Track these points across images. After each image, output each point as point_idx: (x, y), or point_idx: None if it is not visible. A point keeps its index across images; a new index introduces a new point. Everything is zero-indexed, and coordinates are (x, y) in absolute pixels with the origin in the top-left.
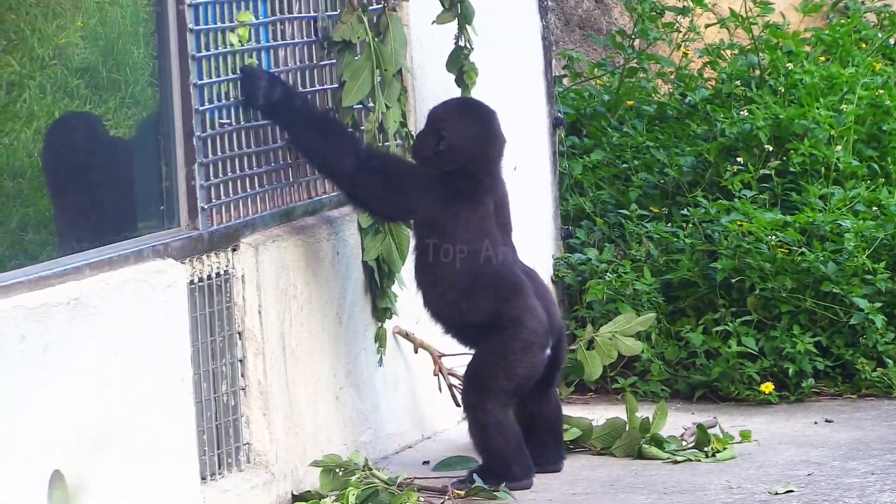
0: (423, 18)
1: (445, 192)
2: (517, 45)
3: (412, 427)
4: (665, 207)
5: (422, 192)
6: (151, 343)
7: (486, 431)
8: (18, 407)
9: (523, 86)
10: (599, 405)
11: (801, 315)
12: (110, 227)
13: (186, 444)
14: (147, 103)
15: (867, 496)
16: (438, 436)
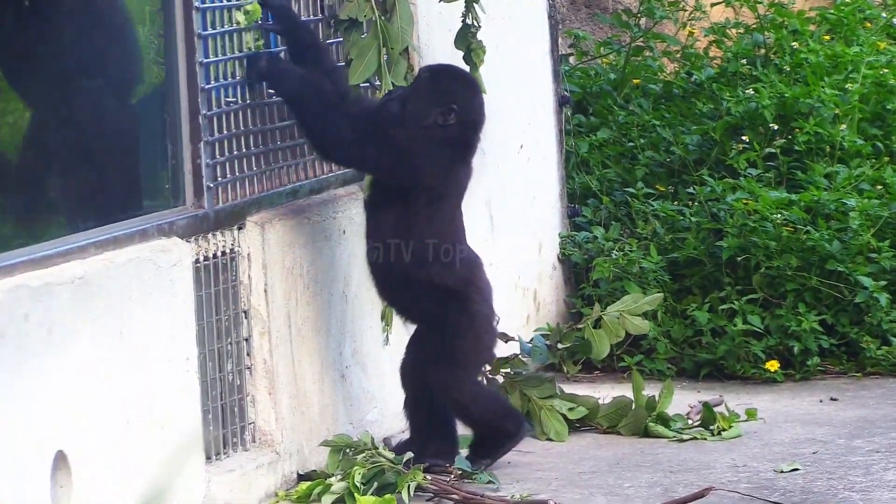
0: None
1: (447, 157)
2: (524, 24)
3: None
4: (671, 186)
5: (426, 158)
6: (157, 322)
7: (469, 407)
8: (23, 387)
9: (530, 64)
10: (606, 384)
11: (807, 293)
12: (115, 206)
13: (192, 424)
14: (153, 82)
15: (872, 474)
16: None
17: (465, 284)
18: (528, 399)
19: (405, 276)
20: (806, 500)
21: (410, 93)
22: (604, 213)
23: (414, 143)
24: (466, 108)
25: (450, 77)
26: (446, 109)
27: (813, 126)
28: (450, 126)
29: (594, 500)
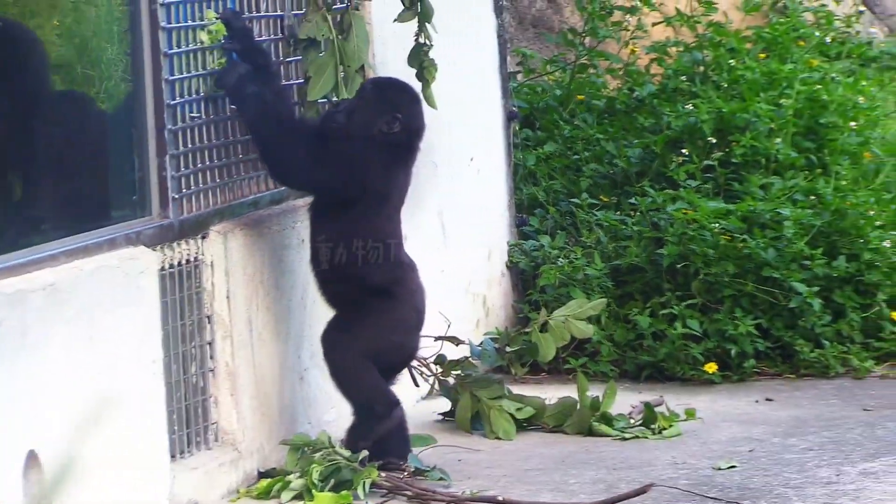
0: (385, 17)
1: (391, 162)
2: (474, 43)
3: None
4: (614, 197)
5: (372, 165)
6: (124, 327)
7: (345, 375)
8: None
9: (480, 81)
10: (552, 385)
11: (743, 299)
12: (85, 216)
13: (157, 424)
14: (120, 98)
15: (806, 471)
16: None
17: (393, 284)
18: (477, 399)
19: (342, 275)
20: (743, 496)
21: (356, 104)
22: (550, 223)
23: (361, 152)
24: (410, 116)
25: (393, 88)
26: (391, 118)
27: (749, 139)
28: (394, 134)
29: (541, 496)
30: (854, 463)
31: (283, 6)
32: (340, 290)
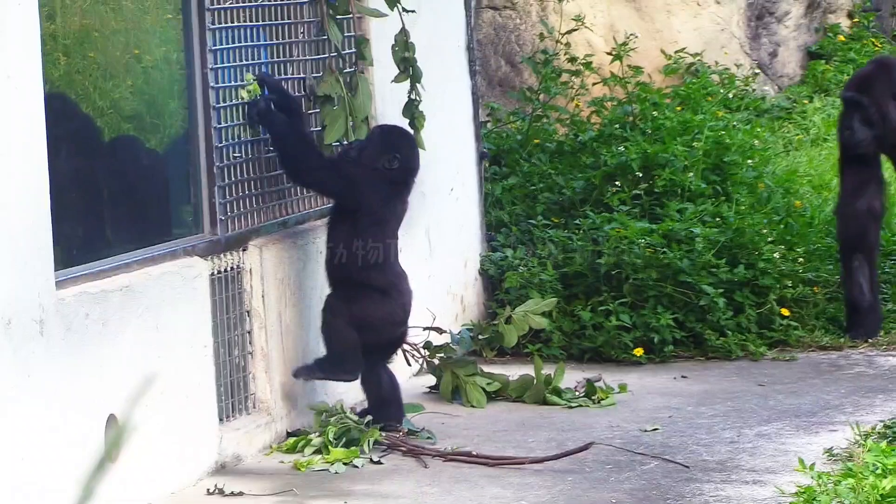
0: (385, 78)
1: (387, 192)
2: (454, 99)
3: None
4: (563, 219)
5: (372, 190)
6: (183, 319)
7: (329, 329)
8: (84, 366)
9: (458, 128)
10: (514, 365)
11: (664, 298)
12: (152, 233)
13: (208, 394)
14: (180, 142)
15: (713, 433)
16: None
17: (388, 286)
18: (456, 376)
19: (349, 276)
20: (664, 452)
21: (366, 143)
22: (513, 239)
23: (365, 179)
24: (406, 157)
25: (395, 133)
26: (391, 157)
27: (668, 174)
28: (394, 170)
29: (506, 451)
30: (751, 427)
31: (305, 70)
32: (347, 286)
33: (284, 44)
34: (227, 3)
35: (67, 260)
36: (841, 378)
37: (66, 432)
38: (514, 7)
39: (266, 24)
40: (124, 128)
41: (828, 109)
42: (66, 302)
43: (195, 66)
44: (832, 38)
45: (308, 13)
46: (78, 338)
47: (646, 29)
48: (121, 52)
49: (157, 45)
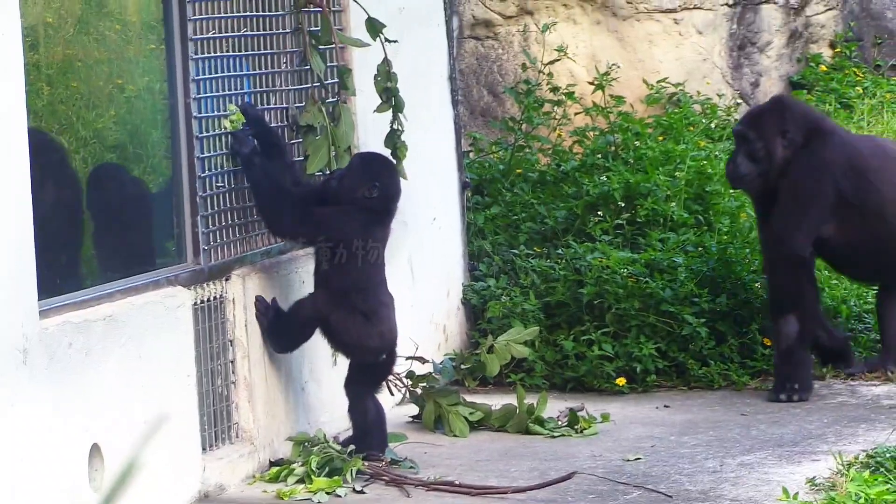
0: (367, 108)
1: (369, 221)
2: (436, 128)
3: None
4: (545, 248)
5: (350, 225)
6: (166, 348)
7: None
8: (68, 395)
9: (441, 158)
10: (497, 395)
11: (646, 328)
12: (136, 262)
13: (191, 424)
14: (163, 171)
15: (696, 462)
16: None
17: (371, 313)
18: (439, 406)
19: (336, 297)
20: (647, 481)
21: (346, 172)
22: (495, 268)
23: (340, 215)
24: (386, 184)
25: (375, 162)
26: (371, 186)
27: (651, 203)
28: (374, 198)
29: (489, 481)
30: (734, 456)
31: (288, 100)
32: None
33: (267, 74)
34: (210, 34)
35: (51, 289)
36: (823, 407)
37: (50, 462)
38: (497, 37)
39: (249, 54)
40: (107, 157)
41: None
42: (50, 331)
43: (178, 96)
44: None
45: (291, 43)
46: (61, 367)
47: (628, 59)
48: (104, 83)
49: (140, 75)
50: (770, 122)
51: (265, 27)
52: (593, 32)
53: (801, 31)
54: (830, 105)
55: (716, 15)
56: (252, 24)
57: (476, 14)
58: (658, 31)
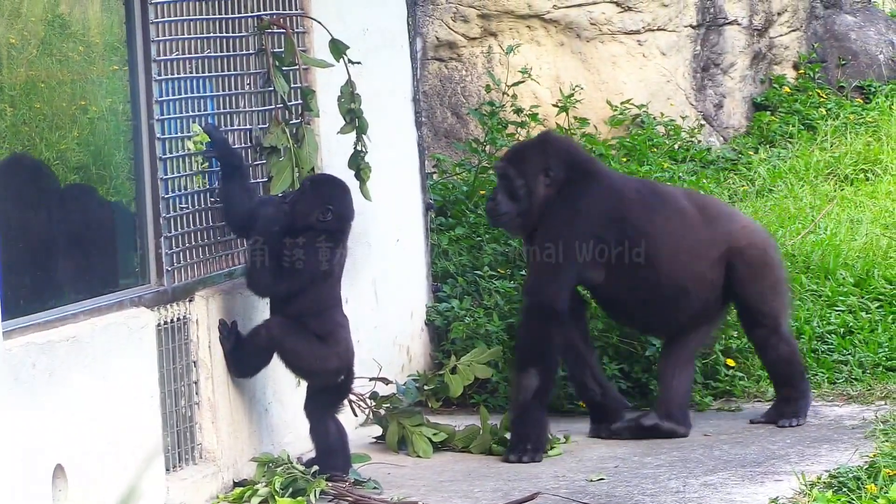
0: (331, 130)
1: (328, 244)
2: (400, 150)
3: None
4: (509, 270)
5: (316, 257)
6: (129, 369)
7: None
8: (31, 415)
9: (404, 179)
10: (460, 415)
11: (610, 348)
12: (98, 284)
13: (155, 445)
14: (126, 192)
15: (659, 483)
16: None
17: (328, 335)
18: (402, 426)
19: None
20: (610, 501)
21: (298, 197)
22: (459, 290)
23: (305, 245)
24: (339, 206)
25: (327, 185)
26: (324, 209)
27: None
28: (328, 221)
29: (452, 501)
30: (697, 476)
31: (251, 121)
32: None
33: (231, 95)
34: (174, 55)
35: (14, 310)
36: (786, 428)
37: (14, 482)
38: (460, 59)
39: (212, 75)
40: (71, 178)
41: (773, 161)
42: (13, 352)
43: (141, 118)
44: (778, 90)
45: (254, 64)
46: (25, 388)
47: (591, 80)
48: (67, 104)
49: (103, 97)
50: (532, 158)
51: (229, 48)
52: (557, 54)
53: (765, 53)
54: (794, 126)
55: (679, 37)
56: (216, 45)
57: (440, 35)
58: (622, 53)
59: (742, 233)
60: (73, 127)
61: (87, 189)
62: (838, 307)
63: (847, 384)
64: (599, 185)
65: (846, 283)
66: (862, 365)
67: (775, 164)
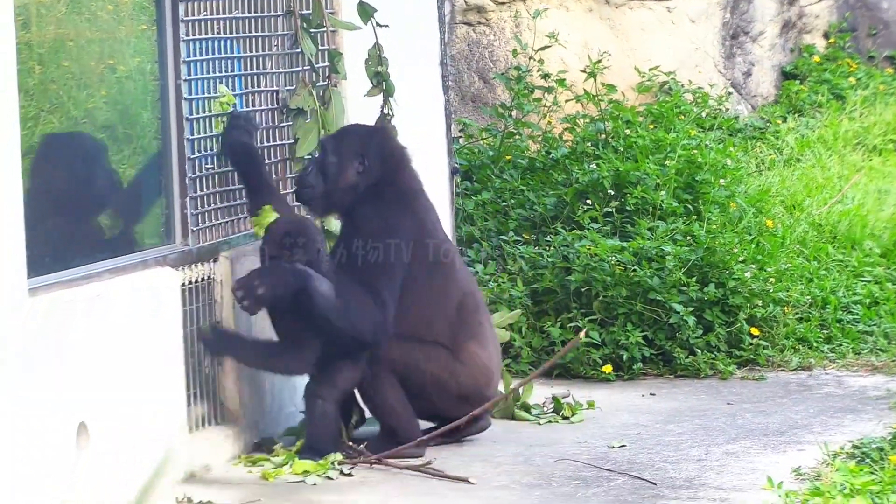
0: (358, 92)
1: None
2: (426, 114)
3: None
4: (534, 235)
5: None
6: (153, 329)
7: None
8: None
9: (430, 143)
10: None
11: (633, 316)
12: (124, 243)
13: (179, 404)
14: (153, 152)
15: (681, 450)
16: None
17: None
18: None
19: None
20: (631, 468)
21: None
22: (483, 255)
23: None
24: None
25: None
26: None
27: (640, 192)
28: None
29: (473, 466)
30: (719, 445)
31: (278, 83)
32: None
33: (258, 56)
34: (202, 15)
35: (39, 268)
36: (809, 398)
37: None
38: (488, 23)
39: (240, 36)
40: (98, 137)
41: (801, 130)
42: (38, 310)
43: (169, 77)
44: (807, 59)
45: (282, 26)
46: (49, 346)
47: (620, 47)
48: (95, 62)
49: (131, 56)
50: (352, 142)
51: (257, 9)
52: (585, 20)
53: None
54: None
55: (709, 4)
56: (244, 6)
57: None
58: (651, 20)
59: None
60: (101, 86)
61: (114, 152)
62: (864, 277)
63: (872, 354)
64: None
65: (873, 254)
66: (887, 335)
67: (803, 134)
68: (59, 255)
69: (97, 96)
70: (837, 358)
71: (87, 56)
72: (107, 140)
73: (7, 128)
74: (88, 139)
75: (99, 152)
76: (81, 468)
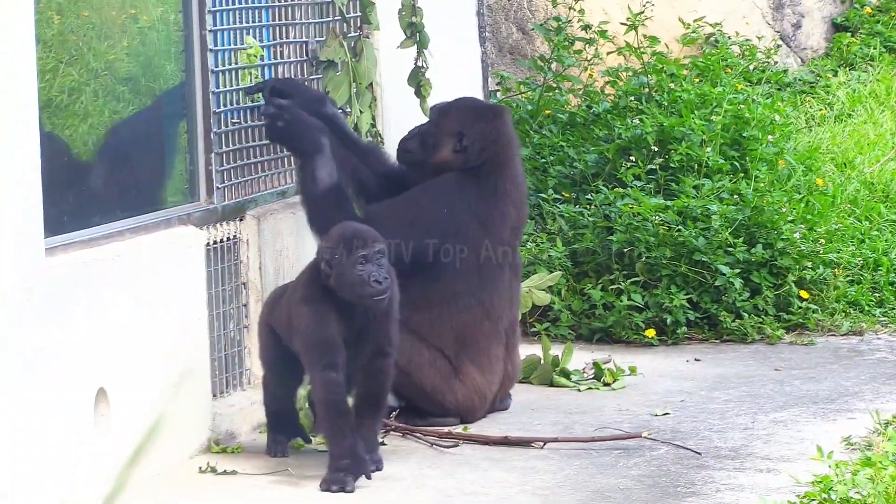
0: (390, 44)
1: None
2: (462, 66)
3: None
4: (574, 193)
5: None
6: (177, 290)
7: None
8: (72, 338)
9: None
10: (521, 345)
11: (678, 277)
12: (147, 201)
13: (202, 368)
14: (176, 106)
15: (726, 419)
16: None
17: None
18: None
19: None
20: (675, 437)
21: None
22: None
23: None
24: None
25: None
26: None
27: (685, 148)
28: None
29: (510, 433)
30: (767, 413)
31: (308, 34)
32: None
33: (286, 6)
34: None
35: (56, 227)
36: (861, 364)
37: (55, 405)
38: None
39: None
40: (119, 90)
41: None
42: (55, 271)
43: (193, 28)
44: (859, 10)
45: None
46: (67, 308)
47: None
48: (116, 12)
49: (154, 5)
50: (454, 119)
51: None
52: None
53: None
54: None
55: None
56: None
57: None
58: None
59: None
60: (123, 37)
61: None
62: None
63: None
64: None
65: None
66: None
67: (855, 88)
68: (77, 214)
69: (118, 47)
70: (890, 322)
71: (108, 5)
72: (128, 93)
73: (25, 80)
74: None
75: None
76: (100, 435)
